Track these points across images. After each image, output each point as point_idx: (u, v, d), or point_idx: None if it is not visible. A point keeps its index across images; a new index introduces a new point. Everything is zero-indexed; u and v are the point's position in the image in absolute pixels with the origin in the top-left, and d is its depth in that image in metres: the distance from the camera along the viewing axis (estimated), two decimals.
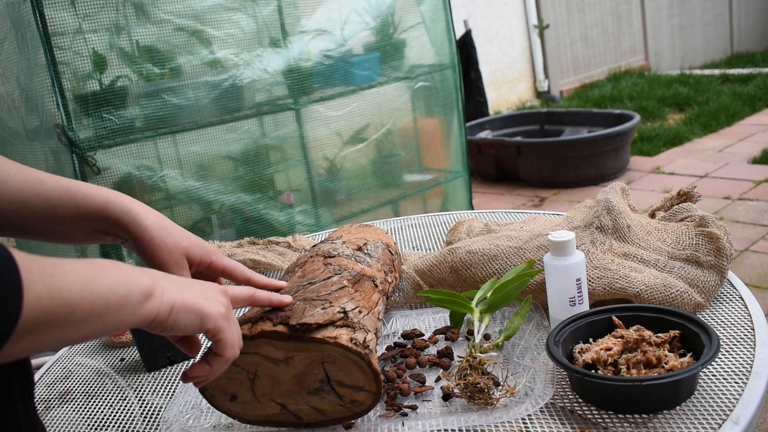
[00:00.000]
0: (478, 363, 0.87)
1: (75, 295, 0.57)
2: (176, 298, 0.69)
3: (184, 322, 0.69)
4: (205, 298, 0.72)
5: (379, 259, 1.09)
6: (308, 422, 0.86)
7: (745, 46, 9.18)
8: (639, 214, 1.20)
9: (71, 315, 0.57)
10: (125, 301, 0.63)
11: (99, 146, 2.18)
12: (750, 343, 0.92)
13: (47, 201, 0.82)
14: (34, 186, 0.82)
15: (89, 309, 0.59)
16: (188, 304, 0.70)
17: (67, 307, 0.56)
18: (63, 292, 0.56)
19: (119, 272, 0.64)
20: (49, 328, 0.56)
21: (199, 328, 0.71)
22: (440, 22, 3.14)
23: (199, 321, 0.71)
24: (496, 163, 5.10)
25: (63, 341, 0.59)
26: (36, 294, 0.53)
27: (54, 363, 1.26)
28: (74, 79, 2.15)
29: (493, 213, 1.64)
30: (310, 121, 2.77)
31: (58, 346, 0.60)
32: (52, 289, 0.55)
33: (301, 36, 2.69)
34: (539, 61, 7.51)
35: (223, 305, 0.74)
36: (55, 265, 0.57)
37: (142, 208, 0.85)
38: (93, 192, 0.84)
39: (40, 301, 0.54)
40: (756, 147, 5.01)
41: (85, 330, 0.60)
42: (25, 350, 0.55)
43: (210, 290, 0.75)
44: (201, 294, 0.72)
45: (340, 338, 0.80)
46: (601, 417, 0.81)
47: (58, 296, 0.56)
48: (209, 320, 0.71)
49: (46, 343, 0.57)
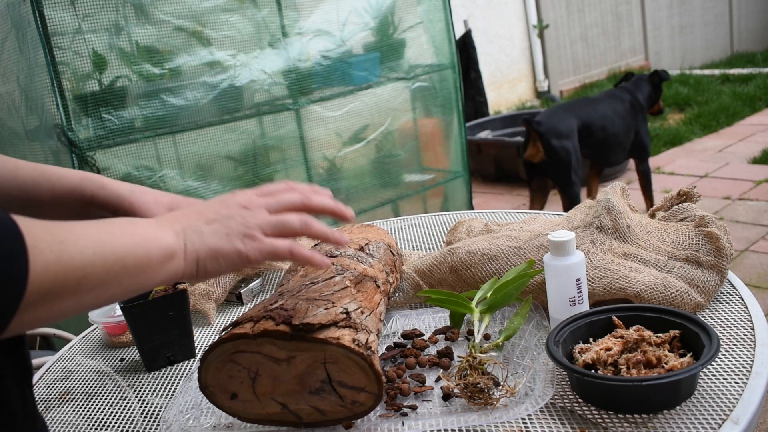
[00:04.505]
0: (478, 363, 0.87)
1: (87, 259, 0.55)
2: (200, 249, 0.66)
3: (215, 269, 0.67)
4: (226, 234, 0.68)
5: (380, 259, 1.09)
6: (308, 422, 0.86)
7: (745, 46, 9.18)
8: (639, 214, 1.20)
9: (85, 280, 0.55)
10: (144, 263, 0.60)
11: (99, 146, 2.18)
12: (750, 343, 0.92)
13: (23, 184, 0.81)
14: (9, 171, 0.81)
15: (105, 273, 0.56)
16: (213, 252, 0.67)
17: (80, 272, 0.54)
18: (74, 257, 0.54)
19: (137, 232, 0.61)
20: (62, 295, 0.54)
21: (233, 268, 0.69)
22: (440, 22, 3.14)
23: (230, 264, 0.68)
24: (496, 163, 5.10)
25: (82, 307, 0.57)
26: (44, 262, 0.52)
27: (54, 363, 1.26)
28: (74, 79, 2.15)
29: (493, 213, 1.64)
30: (309, 121, 2.77)
31: (79, 312, 0.58)
32: (62, 255, 0.53)
33: (300, 36, 2.69)
34: (539, 61, 7.51)
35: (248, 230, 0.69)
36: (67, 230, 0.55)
37: (114, 182, 0.84)
38: (68, 173, 0.83)
39: (48, 268, 0.52)
40: (756, 147, 5.01)
41: (104, 295, 0.58)
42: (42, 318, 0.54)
43: (233, 216, 0.70)
44: (223, 229, 0.69)
45: (343, 339, 0.80)
46: (601, 417, 0.81)
47: (68, 262, 0.54)
48: (239, 260, 0.68)
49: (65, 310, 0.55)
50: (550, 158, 3.27)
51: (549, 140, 3.25)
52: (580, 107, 3.50)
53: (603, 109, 3.49)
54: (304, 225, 0.74)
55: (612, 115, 3.47)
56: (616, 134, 3.48)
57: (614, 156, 3.63)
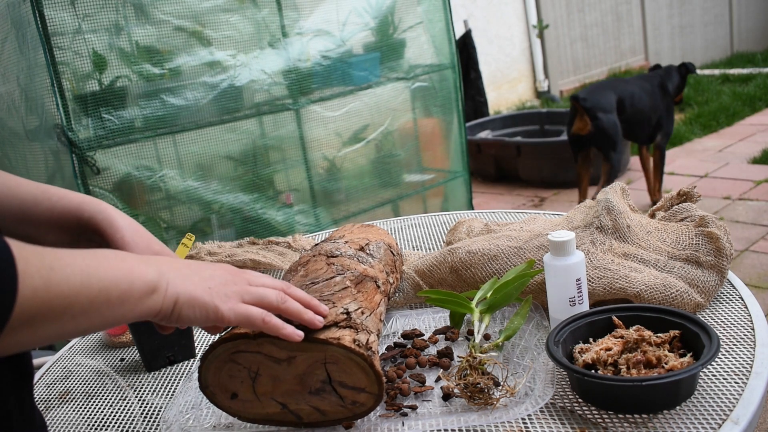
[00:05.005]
0: (478, 363, 0.87)
1: (74, 288, 0.56)
2: (180, 291, 0.68)
3: (188, 316, 0.69)
4: (208, 288, 0.71)
5: (381, 259, 1.09)
6: (308, 422, 0.86)
7: (745, 46, 9.18)
8: (639, 214, 1.20)
9: (69, 308, 0.56)
10: (127, 295, 0.62)
11: (99, 146, 2.18)
12: (750, 343, 0.92)
13: (23, 202, 0.81)
14: (10, 187, 0.81)
15: (88, 303, 0.58)
16: (192, 298, 0.68)
17: (65, 300, 0.56)
18: (61, 285, 0.55)
19: (123, 265, 0.63)
20: (46, 321, 0.55)
21: (206, 320, 0.70)
22: (440, 22, 3.14)
23: (205, 315, 0.70)
24: (496, 163, 5.11)
25: (62, 334, 0.58)
26: (32, 287, 0.53)
27: (54, 363, 1.26)
28: (74, 79, 2.15)
29: (493, 213, 1.64)
30: (309, 121, 2.77)
31: (58, 339, 0.59)
32: (50, 282, 0.54)
33: (300, 36, 2.69)
34: (539, 61, 7.51)
35: (229, 293, 0.72)
36: (56, 257, 0.56)
37: (115, 210, 0.84)
38: (68, 194, 0.84)
39: (36, 294, 0.53)
40: (756, 147, 5.01)
41: (84, 323, 0.59)
42: (23, 343, 0.54)
43: (217, 277, 0.73)
44: (206, 283, 0.71)
45: (343, 339, 0.80)
46: (601, 417, 0.81)
47: (55, 289, 0.55)
48: (213, 314, 0.70)
49: (45, 336, 0.56)
50: (596, 130, 3.64)
51: (595, 114, 3.62)
52: (617, 84, 3.86)
53: (635, 88, 3.84)
54: (281, 300, 0.77)
55: (642, 94, 3.83)
56: (644, 111, 3.83)
57: (641, 132, 3.93)
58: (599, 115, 3.61)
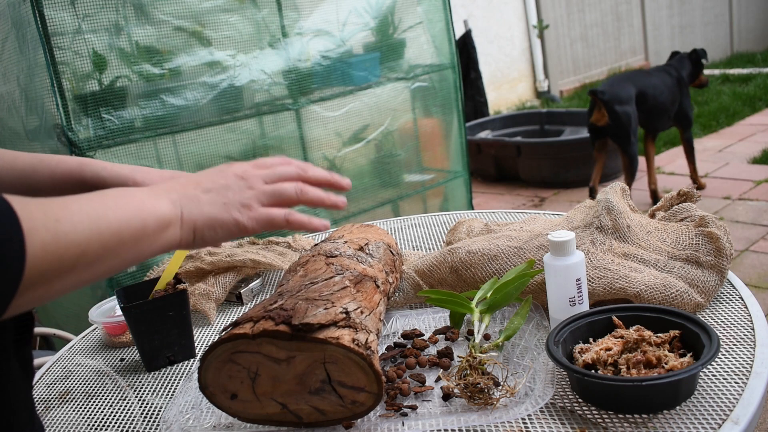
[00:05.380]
0: (478, 363, 0.87)
1: (84, 236, 0.54)
2: (196, 217, 0.65)
3: (213, 237, 0.67)
4: (223, 204, 0.68)
5: (380, 259, 1.09)
6: (308, 422, 0.86)
7: (745, 46, 9.18)
8: (639, 214, 1.20)
9: (82, 257, 0.54)
10: (141, 234, 0.60)
11: (99, 146, 2.18)
12: (750, 343, 0.92)
13: (21, 172, 0.80)
14: (7, 161, 0.80)
15: (101, 248, 0.56)
16: (211, 220, 0.66)
17: (77, 249, 0.54)
18: (70, 235, 0.53)
19: (132, 203, 0.61)
20: (60, 273, 0.53)
21: (230, 237, 0.68)
22: (440, 22, 3.14)
23: (227, 232, 0.68)
24: (496, 163, 5.11)
25: (80, 283, 0.56)
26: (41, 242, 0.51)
27: (54, 363, 1.26)
28: (74, 79, 2.15)
29: (493, 213, 1.64)
30: (309, 121, 2.77)
31: (75, 288, 0.57)
32: (58, 234, 0.52)
33: (300, 37, 2.69)
34: (539, 61, 7.51)
35: (245, 199, 0.70)
36: (61, 207, 0.54)
37: (115, 164, 0.83)
38: (66, 158, 0.83)
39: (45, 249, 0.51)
40: (756, 147, 5.01)
41: (101, 269, 0.57)
42: (41, 298, 0.53)
43: (230, 187, 0.70)
44: (220, 198, 0.68)
45: (343, 339, 0.80)
46: (601, 417, 0.81)
47: (64, 240, 0.53)
48: (236, 229, 0.68)
49: (62, 288, 0.55)
50: (613, 121, 3.82)
51: (612, 106, 3.81)
52: (636, 78, 4.05)
53: (653, 80, 4.04)
54: (299, 192, 0.74)
55: (661, 86, 4.04)
56: (663, 103, 4.03)
57: (660, 122, 4.14)
58: (616, 108, 3.81)
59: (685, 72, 4.20)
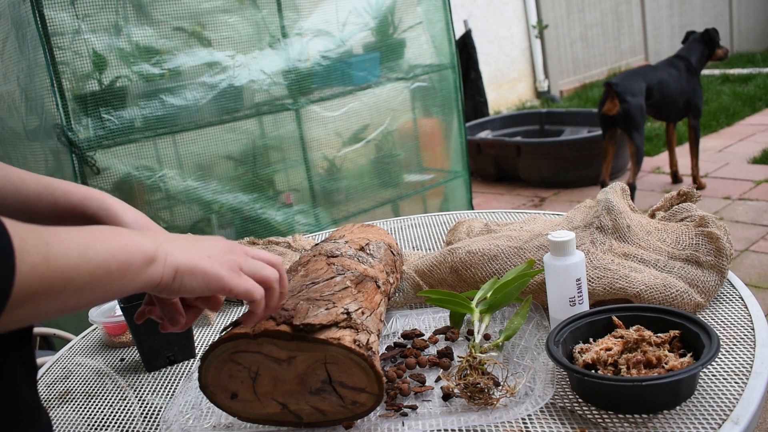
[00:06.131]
0: (478, 363, 0.87)
1: (72, 262, 0.56)
2: (180, 261, 0.67)
3: (190, 285, 0.68)
4: (208, 257, 0.70)
5: (381, 259, 1.09)
6: (308, 422, 0.86)
7: (745, 46, 9.18)
8: (639, 214, 1.20)
9: (69, 283, 0.56)
10: (126, 267, 0.61)
11: (98, 146, 2.18)
12: (750, 343, 0.92)
13: (26, 198, 0.81)
14: (14, 183, 0.81)
15: (88, 276, 0.57)
16: (193, 267, 0.68)
17: (64, 274, 0.55)
18: (59, 259, 0.55)
19: (120, 238, 0.62)
20: (47, 296, 0.54)
21: (207, 289, 0.69)
22: (440, 22, 3.14)
23: (206, 283, 0.69)
24: (496, 163, 5.11)
25: (64, 309, 0.57)
26: (30, 263, 0.52)
27: (54, 363, 1.26)
28: (74, 79, 2.15)
29: (493, 213, 1.64)
30: (309, 121, 2.77)
31: (60, 314, 0.58)
32: (48, 257, 0.54)
33: (299, 37, 2.69)
34: (539, 61, 7.51)
35: (228, 261, 0.71)
36: (52, 233, 0.56)
37: (120, 204, 0.84)
38: (71, 188, 0.83)
39: (35, 270, 0.53)
40: (756, 147, 5.01)
41: (86, 297, 0.58)
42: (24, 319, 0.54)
43: (215, 246, 0.72)
44: (204, 253, 0.70)
45: (344, 339, 0.80)
46: (601, 417, 0.81)
47: (54, 264, 0.54)
48: (215, 281, 0.69)
49: (46, 311, 0.56)
50: (623, 111, 4.00)
51: (624, 97, 3.99)
52: (646, 72, 4.24)
53: (662, 74, 4.24)
54: (276, 279, 0.76)
55: (669, 79, 4.23)
56: (672, 95, 4.24)
57: (670, 113, 4.32)
58: (627, 98, 3.98)
59: (695, 58, 4.33)
